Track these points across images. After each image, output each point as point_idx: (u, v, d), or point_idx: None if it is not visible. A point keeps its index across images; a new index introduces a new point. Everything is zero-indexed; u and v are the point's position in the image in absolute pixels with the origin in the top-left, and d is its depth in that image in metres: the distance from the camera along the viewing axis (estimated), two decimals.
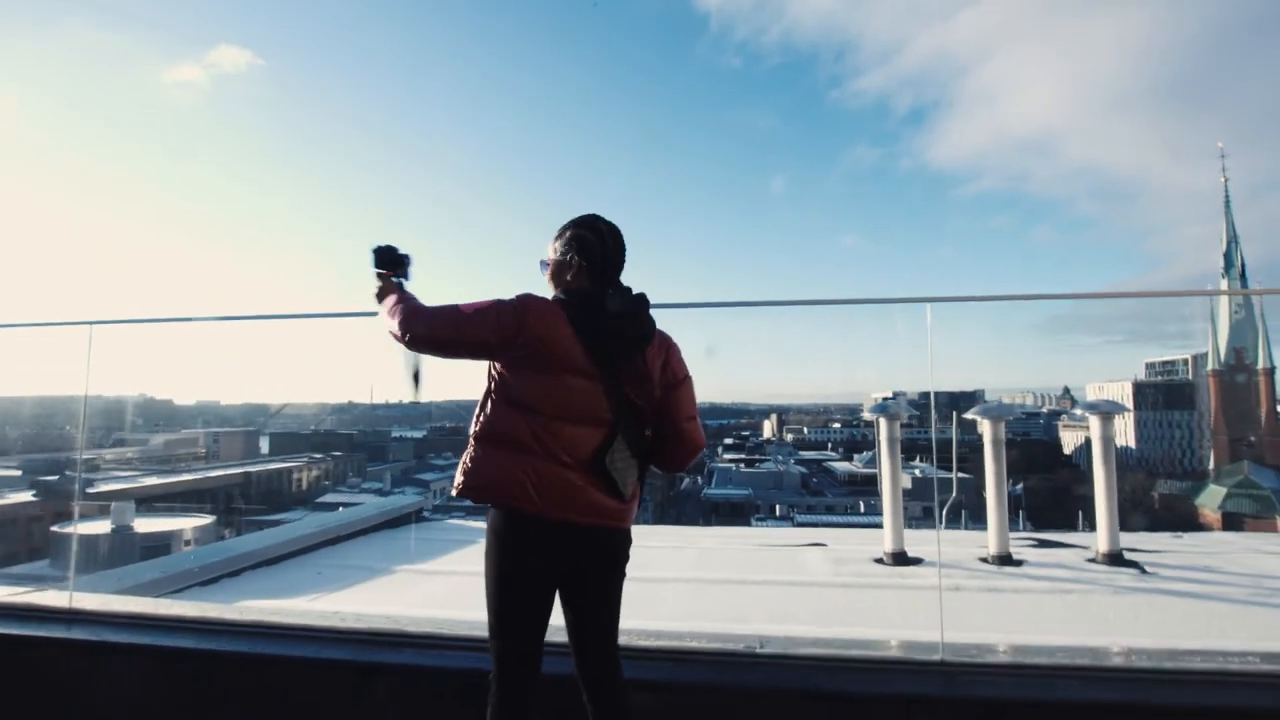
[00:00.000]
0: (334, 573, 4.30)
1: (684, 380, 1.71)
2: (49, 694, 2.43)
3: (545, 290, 1.71)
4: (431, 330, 1.61)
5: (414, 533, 5.54)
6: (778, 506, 45.99)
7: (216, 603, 3.16)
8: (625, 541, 1.65)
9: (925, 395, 3.26)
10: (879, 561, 4.23)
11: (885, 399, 5.14)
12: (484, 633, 1.59)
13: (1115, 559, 4.14)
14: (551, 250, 1.72)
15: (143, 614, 2.59)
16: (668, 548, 4.94)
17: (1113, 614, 3.12)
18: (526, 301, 1.58)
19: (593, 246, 1.66)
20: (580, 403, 1.55)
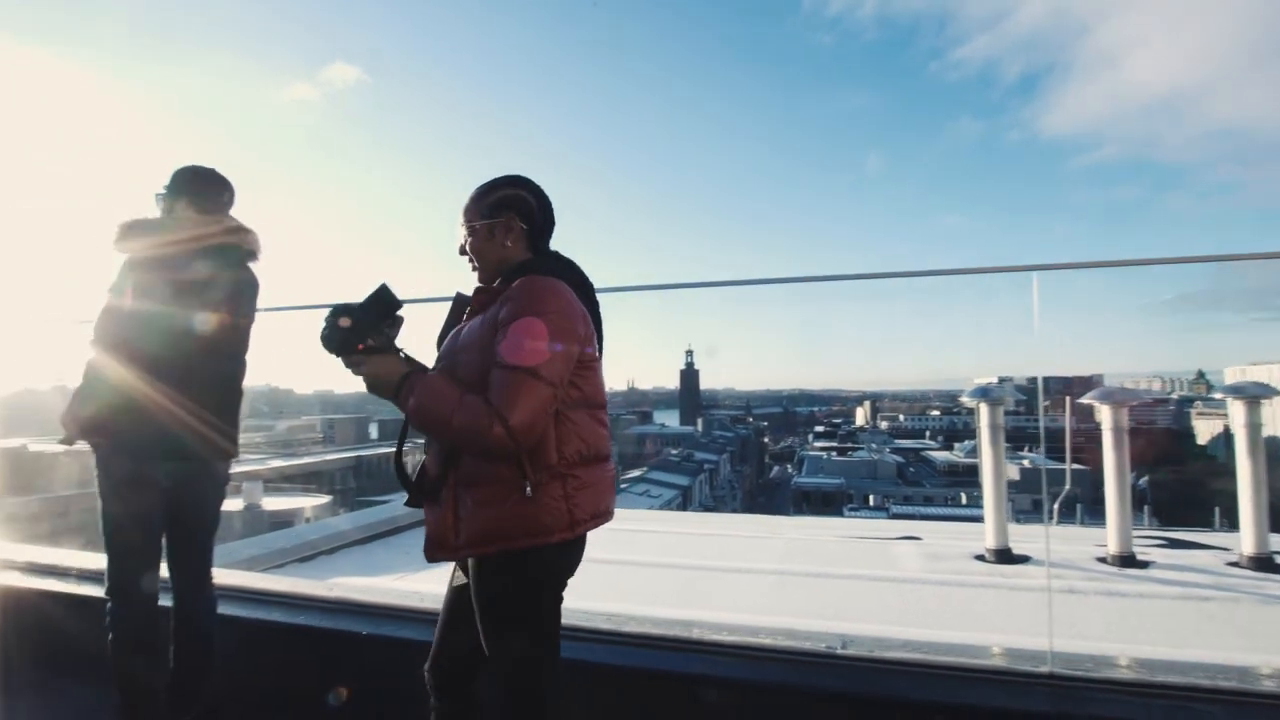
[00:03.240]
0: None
1: None
2: None
3: (463, 265, 1.45)
4: (534, 412, 1.19)
5: None
6: (871, 497, 44.36)
7: (311, 579, 3.31)
8: None
9: (1034, 380, 2.94)
10: (980, 559, 3.91)
11: (989, 384, 4.74)
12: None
13: (1264, 563, 3.63)
14: (464, 220, 1.43)
15: (234, 586, 2.73)
16: (752, 537, 4.81)
17: (1262, 628, 2.71)
18: (568, 290, 1.33)
19: (529, 206, 1.42)
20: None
